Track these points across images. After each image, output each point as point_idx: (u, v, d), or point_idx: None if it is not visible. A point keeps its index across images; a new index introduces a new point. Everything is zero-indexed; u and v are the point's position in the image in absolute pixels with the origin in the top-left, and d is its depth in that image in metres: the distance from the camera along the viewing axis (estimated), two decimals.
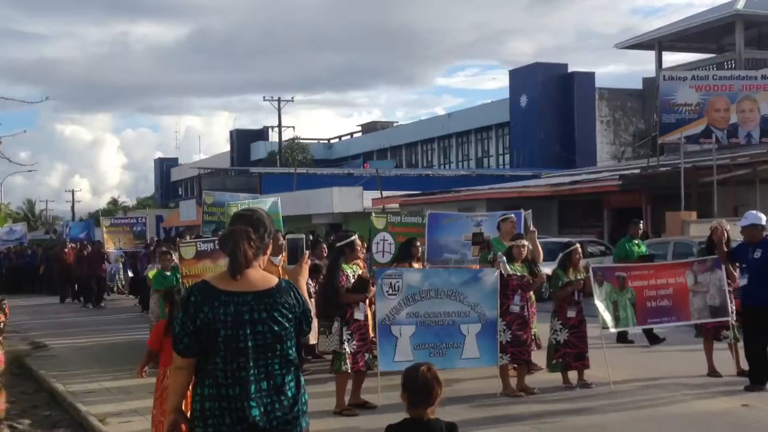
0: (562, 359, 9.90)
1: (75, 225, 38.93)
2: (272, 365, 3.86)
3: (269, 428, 3.77)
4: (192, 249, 10.78)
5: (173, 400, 4.01)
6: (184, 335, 3.85)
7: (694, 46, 49.86)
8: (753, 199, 24.92)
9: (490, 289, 9.31)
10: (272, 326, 3.85)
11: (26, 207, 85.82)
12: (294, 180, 46.17)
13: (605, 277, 10.20)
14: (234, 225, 4.05)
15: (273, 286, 3.92)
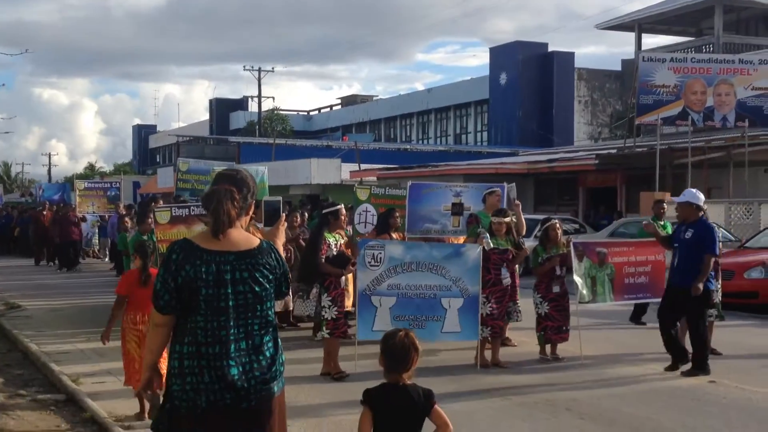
0: (543, 332, 9.97)
1: (49, 187, 38.64)
2: (252, 325, 3.82)
3: (247, 387, 3.74)
4: (167, 214, 10.69)
5: (149, 358, 3.97)
6: (164, 292, 3.79)
7: (673, 29, 49.97)
8: (726, 181, 25.10)
9: (473, 264, 9.28)
10: (253, 286, 3.81)
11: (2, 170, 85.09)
12: (273, 150, 45.96)
13: (586, 253, 10.24)
14: (217, 184, 3.98)
15: (255, 247, 3.88)
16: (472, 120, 60.33)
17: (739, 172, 24.85)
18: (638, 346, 10.88)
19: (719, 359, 10.08)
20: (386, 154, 46.91)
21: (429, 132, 64.51)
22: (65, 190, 33.10)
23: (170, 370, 3.82)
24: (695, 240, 9.12)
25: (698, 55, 32.31)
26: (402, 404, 4.03)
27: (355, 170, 38.21)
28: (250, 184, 4.03)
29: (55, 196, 31.88)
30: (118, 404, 7.59)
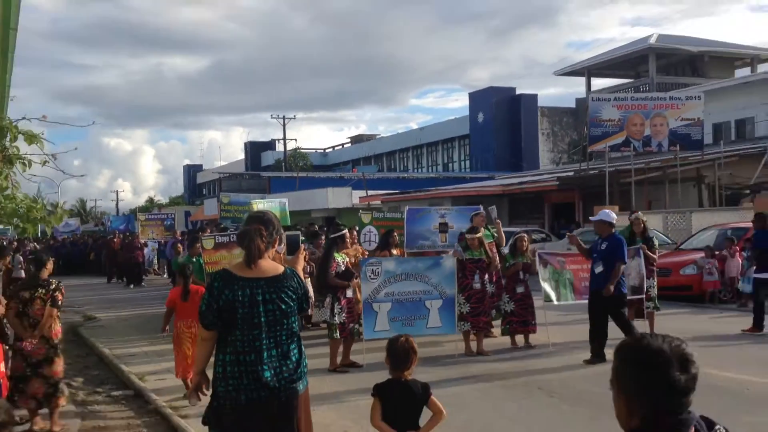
0: (509, 325, 9.96)
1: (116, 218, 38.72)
2: (280, 336, 3.85)
3: (278, 387, 3.76)
4: (211, 241, 10.75)
5: (199, 366, 3.99)
6: (209, 313, 3.82)
7: (616, 72, 50.10)
8: (663, 195, 25.05)
9: (449, 272, 9.36)
10: (280, 305, 3.83)
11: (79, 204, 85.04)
12: (296, 182, 46.01)
13: (548, 261, 10.24)
14: (249, 224, 4.04)
15: (280, 273, 3.91)
16: (457, 151, 60.27)
17: (673, 187, 24.81)
18: None
19: None
20: (388, 181, 46.88)
21: (422, 162, 64.45)
22: (130, 221, 33.20)
23: (216, 375, 3.84)
24: (609, 251, 8.93)
25: (637, 95, 32.32)
26: (405, 396, 4.04)
27: (363, 196, 38.24)
28: (274, 223, 4.06)
29: (121, 226, 31.94)
30: (177, 398, 7.58)
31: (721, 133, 35.79)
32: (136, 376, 8.74)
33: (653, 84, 43.66)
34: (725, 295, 14.51)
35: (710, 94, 33.90)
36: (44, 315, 6.51)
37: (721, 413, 6.39)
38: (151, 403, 7.49)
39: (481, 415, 6.73)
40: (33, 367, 6.56)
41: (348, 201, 39.29)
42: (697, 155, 26.56)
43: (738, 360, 8.76)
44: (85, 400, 7.96)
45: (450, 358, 9.29)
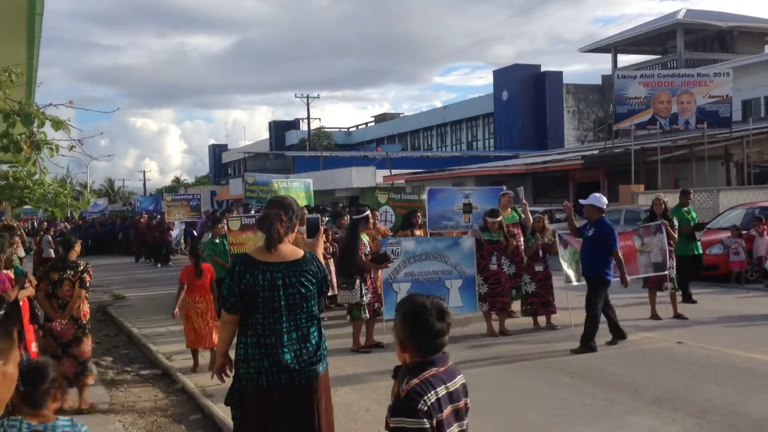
0: (530, 306, 9.96)
1: (144, 199, 39.09)
2: (300, 319, 3.90)
3: (298, 369, 3.83)
4: (238, 222, 10.84)
5: (222, 347, 4.06)
6: (231, 296, 3.88)
7: (643, 49, 49.31)
8: (690, 173, 24.74)
9: (468, 252, 9.39)
10: (300, 289, 3.88)
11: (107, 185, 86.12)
12: (320, 161, 46.15)
13: (569, 242, 10.20)
14: (269, 209, 4.08)
15: (300, 257, 3.95)
16: (481, 130, 59.92)
17: (700, 165, 24.49)
18: (619, 314, 10.74)
19: (686, 323, 10.01)
20: (412, 161, 46.82)
21: (446, 141, 64.19)
22: (157, 201, 33.53)
23: (237, 357, 3.91)
24: (595, 237, 8.62)
25: (664, 71, 31.82)
26: None
27: (387, 175, 38.20)
28: (294, 207, 4.10)
29: (150, 206, 32.26)
30: (203, 378, 7.70)
31: (751, 110, 35.18)
32: (163, 356, 8.89)
33: (681, 60, 42.94)
34: (752, 275, 14.35)
35: (739, 70, 33.28)
36: (73, 296, 6.66)
37: (745, 394, 6.43)
38: (178, 383, 7.64)
39: (501, 395, 6.77)
40: (63, 346, 6.74)
41: (372, 180, 39.30)
42: (725, 132, 26.16)
43: (763, 341, 8.69)
44: (114, 379, 8.13)
45: (472, 338, 9.33)
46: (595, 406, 6.35)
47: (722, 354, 8.09)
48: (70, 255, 6.85)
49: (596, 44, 50.67)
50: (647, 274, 10.44)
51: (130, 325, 11.33)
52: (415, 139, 68.13)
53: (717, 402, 6.29)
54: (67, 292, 6.69)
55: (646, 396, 6.56)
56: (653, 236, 10.34)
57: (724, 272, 14.35)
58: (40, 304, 6.76)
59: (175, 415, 6.67)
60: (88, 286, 6.86)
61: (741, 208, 16.71)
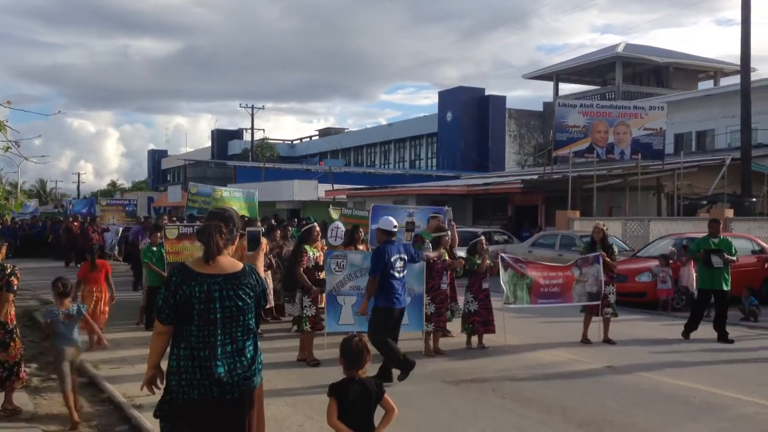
0: (472, 325, 10.04)
1: (78, 202, 38.02)
2: (236, 333, 3.84)
3: (232, 382, 3.77)
4: (175, 230, 10.68)
5: (153, 359, 3.97)
6: (165, 307, 3.80)
7: (584, 79, 50.81)
8: (623, 202, 25.50)
9: (419, 270, 9.41)
10: (237, 302, 3.83)
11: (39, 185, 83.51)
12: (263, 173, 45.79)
13: (510, 264, 10.38)
14: (209, 220, 4.04)
15: (239, 270, 3.91)
16: (424, 149, 60.51)
17: (633, 195, 25.25)
18: (552, 336, 11.00)
19: (614, 348, 10.27)
20: (355, 176, 46.90)
21: (389, 158, 64.55)
22: (92, 205, 32.66)
23: (169, 369, 3.83)
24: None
25: (602, 102, 32.77)
26: (359, 394, 4.07)
27: (329, 189, 38.16)
28: (235, 220, 4.07)
29: (83, 210, 31.39)
30: (132, 387, 7.49)
31: (682, 144, 36.53)
32: (90, 364, 8.62)
33: (619, 92, 44.35)
34: (678, 303, 14.84)
35: (673, 105, 34.58)
36: (0, 301, 6.42)
37: (669, 420, 6.61)
38: (105, 392, 7.43)
39: (434, 414, 6.80)
40: None
41: (314, 194, 39.21)
42: (658, 164, 27.07)
43: (687, 368, 8.97)
44: (38, 386, 7.84)
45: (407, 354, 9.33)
46: (527, 427, 6.43)
47: (649, 380, 8.32)
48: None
49: (539, 71, 51.96)
50: (581, 303, 10.70)
51: None
52: (359, 155, 68.31)
53: (643, 426, 6.46)
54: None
55: (574, 418, 6.69)
56: (591, 266, 10.62)
57: (651, 299, 14.80)
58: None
59: (101, 425, 6.47)
60: (16, 289, 6.63)
61: (670, 238, 17.29)
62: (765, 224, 19.29)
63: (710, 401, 7.36)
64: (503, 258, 10.36)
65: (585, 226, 20.82)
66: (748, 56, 23.12)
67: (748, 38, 23.05)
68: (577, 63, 48.33)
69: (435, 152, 57.63)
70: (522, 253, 18.56)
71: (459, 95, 52.97)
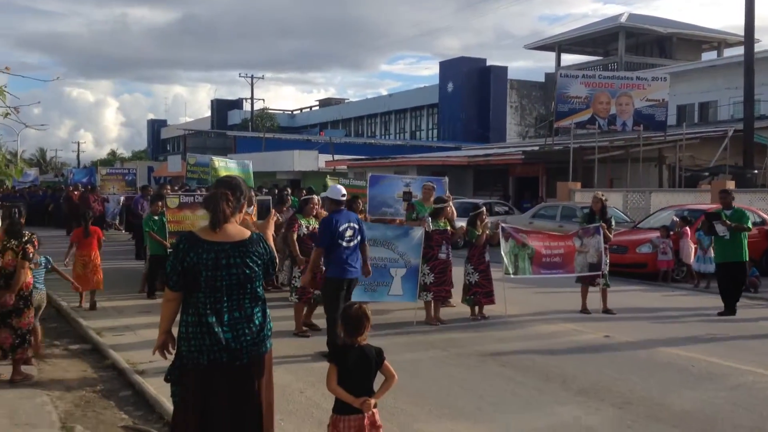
0: (473, 296, 10.07)
1: (78, 171, 37.98)
2: (243, 300, 3.90)
3: (239, 348, 3.83)
4: (176, 200, 10.68)
5: (164, 325, 4.03)
6: (173, 274, 3.87)
7: (586, 49, 50.38)
8: (624, 174, 25.46)
9: (416, 242, 9.43)
10: (244, 270, 3.88)
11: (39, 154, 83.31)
12: (263, 143, 45.68)
13: (511, 234, 10.40)
14: (216, 188, 4.06)
15: (246, 238, 3.94)
16: (425, 120, 60.29)
17: (635, 166, 25.21)
18: (551, 306, 11.07)
19: (614, 318, 10.34)
20: (355, 147, 46.79)
21: (390, 129, 64.35)
22: (92, 174, 32.61)
23: (180, 335, 3.91)
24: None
25: (605, 73, 32.55)
26: (359, 361, 4.11)
27: (329, 160, 38.09)
28: (242, 188, 4.10)
29: (84, 179, 31.38)
30: (135, 354, 7.59)
31: (685, 116, 36.36)
32: (93, 331, 8.71)
33: (621, 63, 44.04)
34: (678, 274, 14.89)
35: (676, 76, 34.36)
36: (16, 268, 6.49)
37: (667, 387, 6.68)
38: (108, 358, 7.50)
39: (434, 382, 6.87)
40: (2, 317, 6.59)
41: (314, 164, 39.15)
42: (660, 136, 26.97)
43: (686, 338, 9.04)
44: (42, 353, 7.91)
45: (407, 325, 9.41)
46: (525, 394, 6.51)
47: (648, 349, 8.38)
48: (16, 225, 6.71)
49: (541, 42, 51.54)
50: (582, 274, 10.74)
51: (59, 299, 11.02)
52: (359, 126, 68.07)
53: (640, 394, 6.53)
54: (10, 261, 6.53)
55: (573, 386, 6.76)
56: (591, 237, 10.65)
57: (652, 270, 14.85)
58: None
59: (105, 390, 6.55)
60: (31, 257, 6.68)
61: (671, 210, 17.30)
62: (766, 196, 19.27)
63: (709, 370, 7.43)
64: (504, 228, 10.38)
65: (586, 197, 20.78)
66: (752, 27, 22.92)
67: (752, 9, 22.83)
68: (580, 33, 47.89)
69: (436, 123, 57.42)
70: (523, 224, 18.54)
71: (460, 66, 52.62)
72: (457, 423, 5.71)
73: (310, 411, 5.92)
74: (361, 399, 4.03)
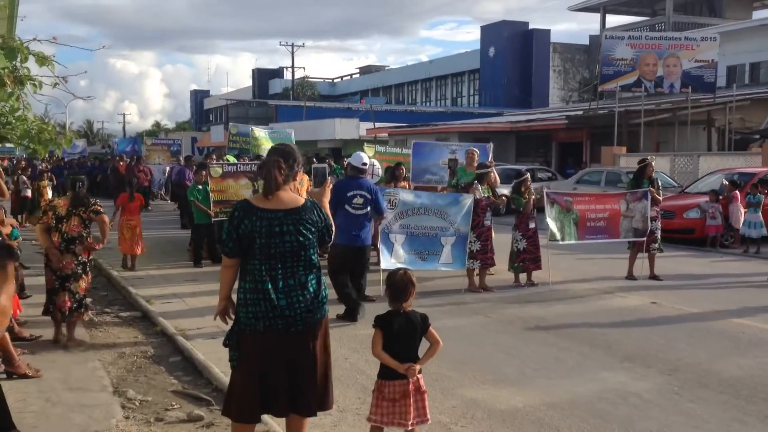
0: (522, 263, 10.00)
1: (122, 141, 38.63)
2: (297, 267, 3.92)
3: (294, 315, 3.87)
4: (219, 169, 10.81)
5: (223, 291, 4.10)
6: (229, 241, 3.93)
7: (632, 10, 48.94)
8: (672, 137, 24.87)
9: (467, 211, 9.34)
10: (297, 237, 3.90)
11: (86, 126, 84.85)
12: (304, 111, 45.67)
13: (556, 200, 10.27)
14: (269, 156, 4.09)
15: (300, 205, 3.95)
16: (466, 86, 59.56)
17: (682, 129, 24.61)
18: (596, 273, 10.97)
19: (660, 284, 10.18)
20: (396, 114, 46.51)
21: (431, 96, 63.78)
22: (136, 143, 33.09)
23: (238, 301, 3.98)
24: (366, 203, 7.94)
25: (651, 33, 31.69)
26: (404, 326, 4.12)
27: (370, 128, 37.98)
28: (295, 155, 4.10)
29: (127, 148, 31.90)
30: (183, 321, 7.75)
31: (735, 76, 35.23)
32: (143, 299, 8.90)
33: (669, 23, 42.72)
34: (727, 239, 14.57)
35: (726, 36, 33.21)
36: (100, 224, 7.03)
37: (716, 354, 6.58)
38: (158, 325, 7.67)
39: (479, 348, 6.88)
40: (61, 280, 6.84)
41: (355, 132, 39.08)
42: (709, 98, 26.23)
43: (735, 304, 8.88)
44: (93, 320, 8.10)
45: (451, 293, 9.41)
46: (569, 360, 6.48)
47: (695, 315, 8.26)
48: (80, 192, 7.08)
49: (585, 3, 50.15)
50: (627, 239, 10.57)
51: (109, 268, 11.28)
52: (400, 93, 67.61)
53: (688, 360, 6.44)
54: (75, 227, 6.85)
55: (618, 353, 6.70)
56: (638, 202, 10.45)
57: (700, 236, 14.56)
58: (39, 237, 6.94)
59: (155, 356, 6.71)
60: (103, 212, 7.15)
61: (720, 174, 16.88)
62: None
63: (760, 336, 7.29)
64: (548, 194, 10.25)
65: (631, 162, 20.40)
66: None
67: None
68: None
69: (477, 89, 56.69)
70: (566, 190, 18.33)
71: (502, 30, 51.71)
72: (500, 389, 5.72)
73: (354, 377, 5.99)
74: (406, 365, 4.05)
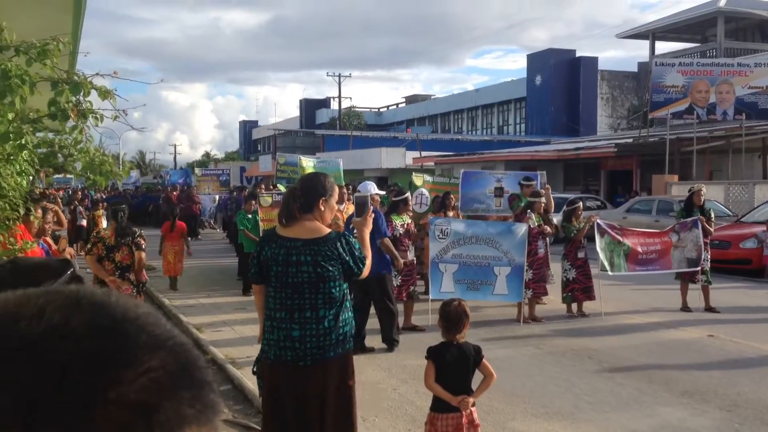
0: (571, 293, 9.85)
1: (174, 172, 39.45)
2: (315, 300, 3.82)
3: (304, 349, 3.78)
4: (269, 198, 10.94)
5: (260, 316, 4.15)
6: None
7: (682, 36, 48.36)
8: (726, 165, 24.35)
9: (520, 240, 9.21)
10: (315, 268, 3.81)
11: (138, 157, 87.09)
12: (350, 141, 46.13)
13: (606, 231, 10.13)
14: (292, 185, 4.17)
15: (321, 236, 3.86)
16: (512, 114, 59.40)
17: (736, 157, 24.07)
18: (649, 304, 10.73)
19: (717, 316, 9.91)
20: (442, 143, 46.57)
21: (477, 124, 63.74)
22: (188, 175, 33.80)
23: (264, 328, 4.02)
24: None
25: (703, 60, 31.24)
26: (457, 358, 4.09)
27: (416, 157, 38.10)
28: (321, 185, 3.97)
29: (179, 180, 32.59)
30: (232, 350, 7.82)
31: None
32: (193, 327, 9.01)
33: (721, 49, 42.06)
34: None
35: None
36: (136, 260, 7.27)
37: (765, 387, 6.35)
38: (208, 354, 7.74)
39: (530, 379, 6.77)
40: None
41: (401, 161, 39.23)
42: (764, 125, 25.64)
43: None
44: None
45: (501, 323, 9.31)
46: (624, 394, 6.33)
47: (755, 349, 8.00)
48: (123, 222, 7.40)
49: (634, 30, 49.78)
50: (680, 269, 10.34)
51: (161, 296, 11.48)
52: (446, 122, 67.75)
53: (749, 396, 6.23)
54: (126, 257, 7.22)
55: (676, 387, 6.52)
56: (689, 232, 10.24)
57: (757, 266, 14.15)
58: (91, 267, 7.26)
59: None
60: (144, 247, 7.40)
61: None
62: None
63: None
64: (599, 224, 10.10)
65: (683, 190, 20.01)
66: None
67: None
68: (675, 20, 45.98)
69: (523, 117, 56.47)
70: (616, 219, 18.05)
71: (548, 58, 51.56)
72: (553, 422, 5.61)
73: (404, 408, 5.94)
74: (459, 397, 4.01)
